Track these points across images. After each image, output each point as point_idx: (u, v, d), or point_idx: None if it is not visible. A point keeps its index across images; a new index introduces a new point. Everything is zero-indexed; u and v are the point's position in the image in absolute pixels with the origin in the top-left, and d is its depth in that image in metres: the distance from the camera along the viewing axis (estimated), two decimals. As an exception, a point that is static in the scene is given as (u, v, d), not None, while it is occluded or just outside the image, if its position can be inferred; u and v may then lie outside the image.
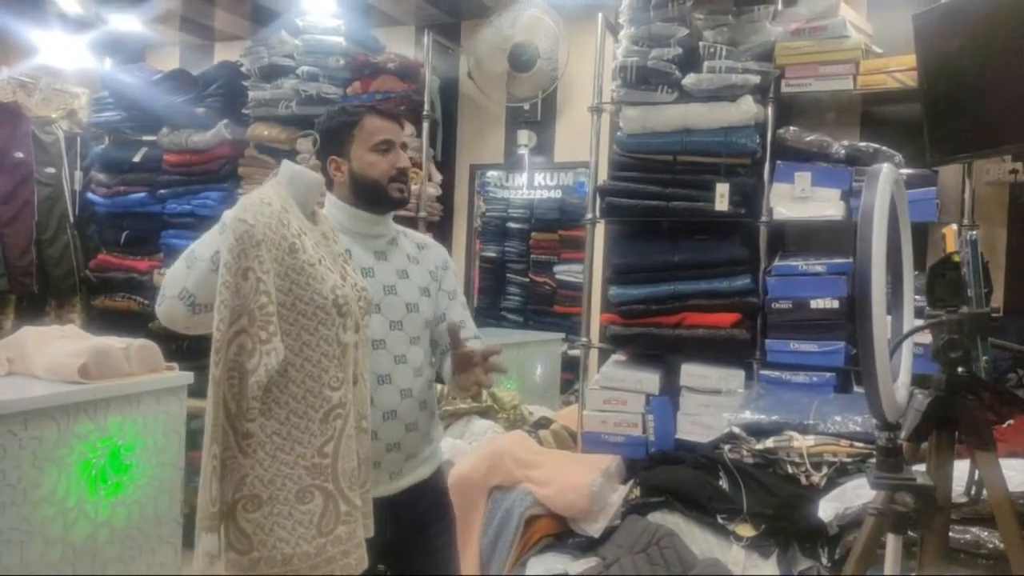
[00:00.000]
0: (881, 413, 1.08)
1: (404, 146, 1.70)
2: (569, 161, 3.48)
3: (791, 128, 2.74)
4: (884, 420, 1.11)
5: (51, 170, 3.86)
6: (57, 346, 2.49)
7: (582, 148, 3.06)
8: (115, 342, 2.57)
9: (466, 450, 2.84)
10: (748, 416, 2.39)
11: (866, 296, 1.05)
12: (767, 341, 2.67)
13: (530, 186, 3.37)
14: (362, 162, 1.64)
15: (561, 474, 2.60)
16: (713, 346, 2.72)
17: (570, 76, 3.29)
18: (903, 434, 1.21)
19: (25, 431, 2.14)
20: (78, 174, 4.00)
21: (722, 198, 2.70)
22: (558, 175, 3.55)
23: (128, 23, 3.86)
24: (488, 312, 4.60)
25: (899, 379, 1.20)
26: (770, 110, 2.75)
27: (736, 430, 2.37)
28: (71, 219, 3.94)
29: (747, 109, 2.66)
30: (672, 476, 2.50)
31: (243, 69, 3.52)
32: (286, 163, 1.48)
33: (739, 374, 2.71)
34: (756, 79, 2.66)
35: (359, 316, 1.43)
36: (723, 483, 2.36)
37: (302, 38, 3.33)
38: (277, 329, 1.26)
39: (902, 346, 1.25)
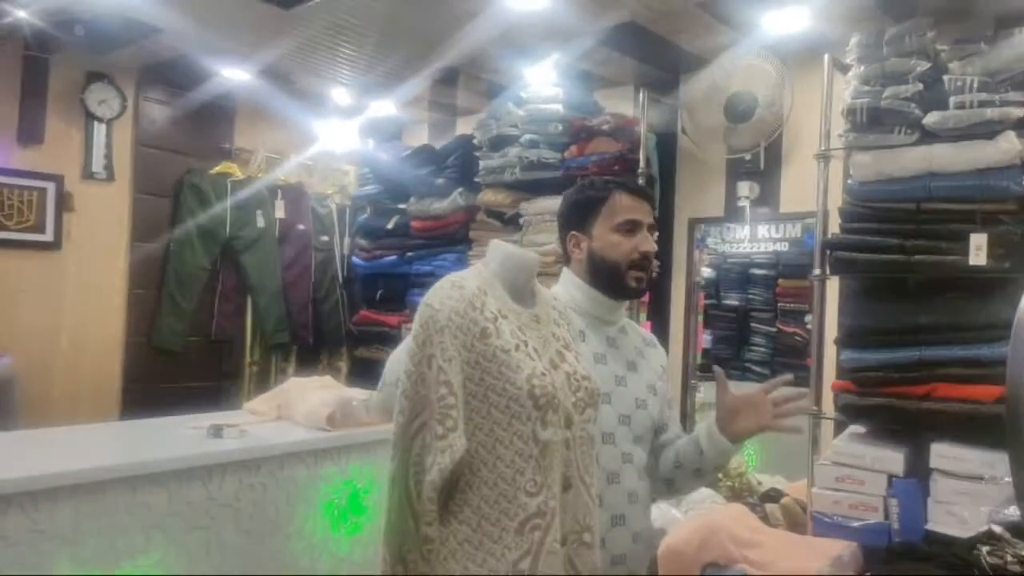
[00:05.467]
0: None
1: (652, 228, 1.54)
2: (796, 211, 3.24)
3: (1069, 166, 2.29)
4: None
5: (325, 238, 4.52)
6: (314, 396, 2.86)
7: (810, 197, 2.84)
8: (357, 394, 2.89)
9: (679, 519, 2.72)
10: (1013, 513, 2.00)
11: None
12: (1043, 421, 2.22)
13: (752, 239, 3.18)
14: (604, 241, 1.51)
15: (784, 558, 2.37)
16: (971, 424, 2.33)
17: (796, 122, 3.08)
18: None
19: (282, 471, 2.48)
20: (346, 240, 4.62)
21: (978, 251, 2.34)
22: (784, 226, 3.31)
23: (386, 108, 4.43)
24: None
25: None
26: (1039, 146, 2.33)
27: (997, 529, 1.99)
28: (340, 280, 4.56)
29: (1008, 147, 2.29)
30: None
31: (475, 141, 3.82)
32: (495, 243, 1.38)
33: (1004, 459, 2.27)
34: (1019, 112, 2.29)
35: (572, 410, 1.24)
36: (980, 592, 1.98)
37: (525, 108, 3.54)
38: (457, 424, 1.15)
39: None
